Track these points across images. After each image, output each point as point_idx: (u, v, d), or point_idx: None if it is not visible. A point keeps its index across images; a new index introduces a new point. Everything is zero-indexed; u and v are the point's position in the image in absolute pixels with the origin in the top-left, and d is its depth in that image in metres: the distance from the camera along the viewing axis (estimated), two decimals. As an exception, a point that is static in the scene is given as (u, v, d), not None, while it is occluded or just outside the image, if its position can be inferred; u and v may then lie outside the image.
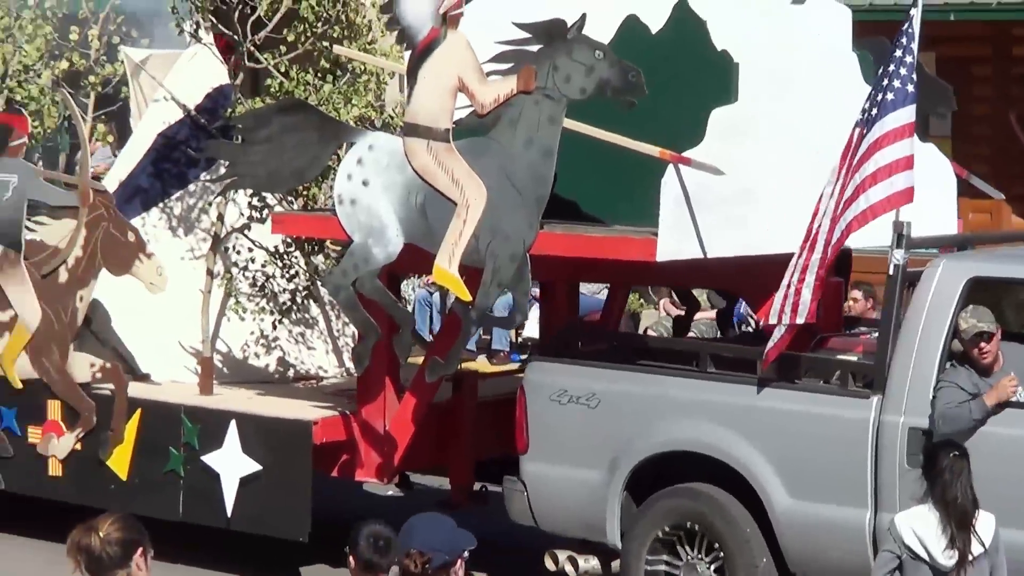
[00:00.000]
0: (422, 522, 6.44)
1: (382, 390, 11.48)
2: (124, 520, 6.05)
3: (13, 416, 12.36)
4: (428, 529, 6.32)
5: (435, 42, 10.25)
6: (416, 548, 6.20)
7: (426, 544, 6.20)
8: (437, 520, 6.49)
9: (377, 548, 6.76)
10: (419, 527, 6.34)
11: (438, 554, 6.18)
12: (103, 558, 5.93)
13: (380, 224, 10.46)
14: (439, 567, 6.19)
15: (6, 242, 12.19)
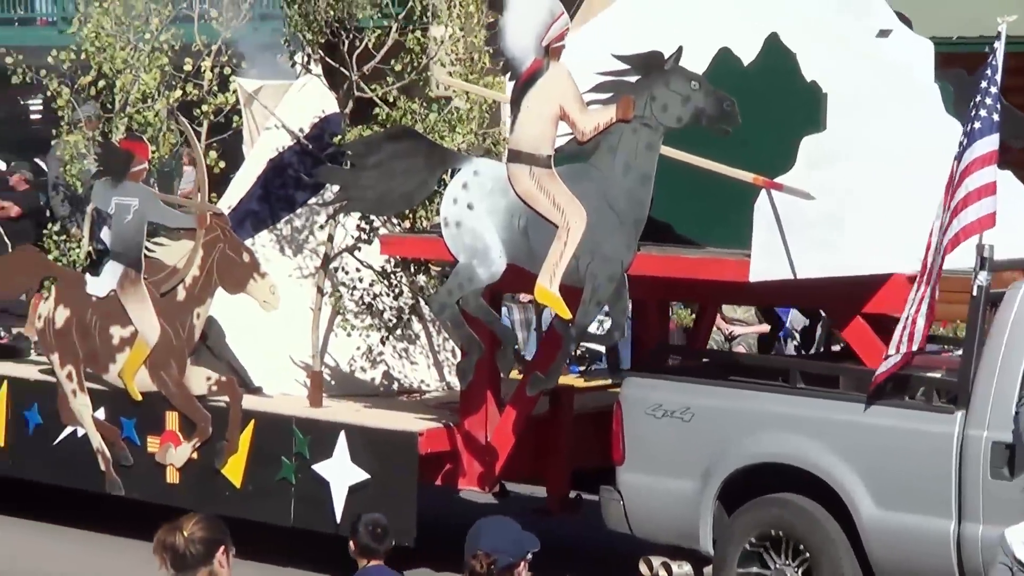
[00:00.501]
0: (488, 525, 6.60)
1: (484, 403, 11.67)
2: (207, 520, 6.14)
3: (133, 426, 12.61)
4: (494, 532, 6.46)
5: (538, 73, 10.44)
6: (483, 550, 6.33)
7: (492, 546, 6.33)
8: (503, 523, 6.64)
9: (374, 535, 7.96)
10: (486, 530, 6.49)
11: (503, 555, 6.31)
12: (187, 556, 6.01)
13: (484, 246, 10.65)
14: (504, 568, 6.32)
15: (127, 262, 12.46)
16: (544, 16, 10.47)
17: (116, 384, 12.62)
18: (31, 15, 24.19)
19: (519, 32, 10.47)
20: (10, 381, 13.31)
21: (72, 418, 12.86)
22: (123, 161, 12.49)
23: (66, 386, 12.82)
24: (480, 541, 6.36)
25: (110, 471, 12.70)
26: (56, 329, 12.82)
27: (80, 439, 12.82)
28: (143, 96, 12.82)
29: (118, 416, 12.66)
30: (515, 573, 6.37)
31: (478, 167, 10.82)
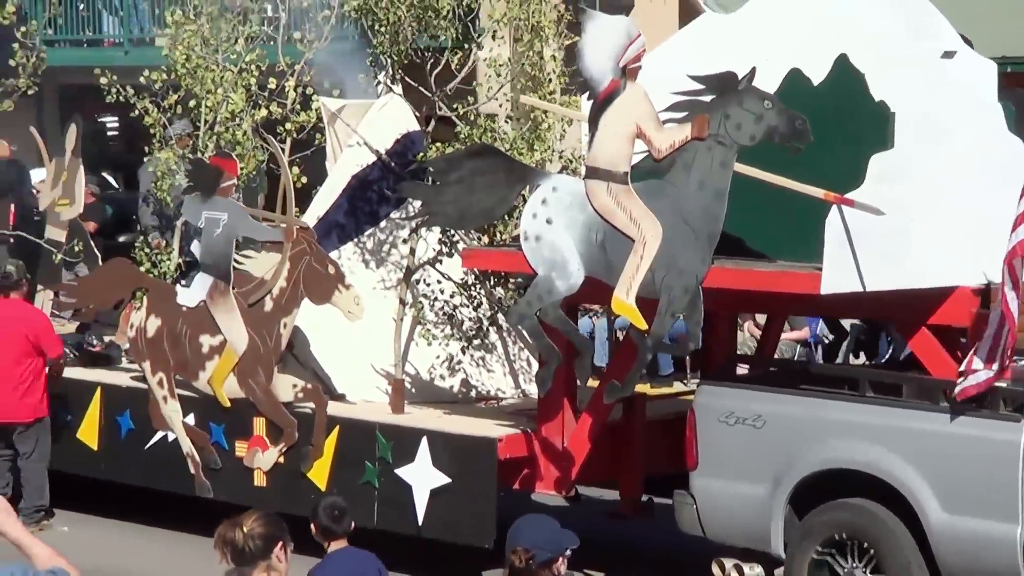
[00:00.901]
0: (528, 522, 6.78)
1: (560, 410, 11.81)
2: (266, 517, 6.36)
3: (222, 432, 12.78)
4: (533, 529, 6.61)
5: (615, 93, 10.58)
6: (522, 546, 6.45)
7: (531, 542, 6.46)
8: (542, 521, 6.81)
9: (333, 517, 8.36)
10: (525, 527, 6.65)
11: (541, 551, 6.43)
12: (246, 551, 6.22)
13: (563, 259, 10.80)
14: (542, 563, 6.44)
15: (217, 274, 12.65)
16: (621, 38, 10.62)
17: (205, 391, 12.80)
18: (99, 36, 24.48)
19: (597, 53, 10.62)
20: (104, 388, 13.52)
21: (163, 423, 13.05)
22: (213, 177, 12.68)
23: (157, 393, 13.02)
24: (520, 538, 6.48)
25: (199, 474, 12.88)
26: (148, 338, 13.02)
27: (171, 444, 13.00)
28: (232, 115, 12.98)
29: (207, 421, 12.84)
30: (553, 568, 6.47)
31: (557, 183, 10.97)
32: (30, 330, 13.47)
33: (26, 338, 13.42)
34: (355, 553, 8.58)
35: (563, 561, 6.51)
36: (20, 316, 13.58)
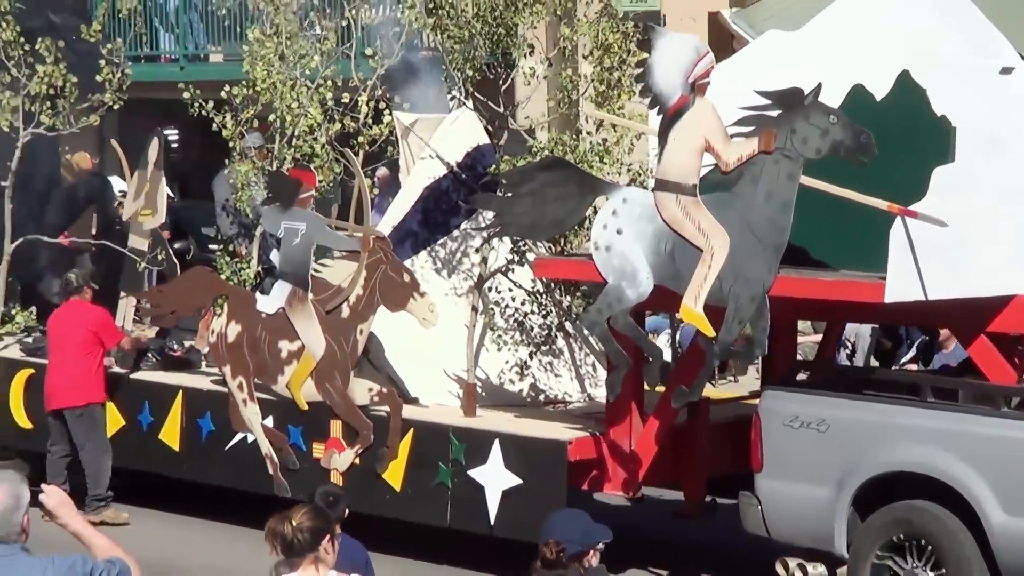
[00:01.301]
0: (561, 517, 6.94)
1: (628, 414, 11.89)
2: (315, 511, 6.52)
3: (299, 433, 12.91)
4: (566, 522, 6.71)
5: (684, 107, 10.70)
6: (554, 538, 6.51)
7: (562, 535, 6.53)
8: (574, 515, 6.91)
9: (328, 503, 8.47)
10: (558, 520, 6.77)
11: (572, 544, 6.48)
12: (295, 543, 6.35)
13: (632, 268, 10.91)
14: (572, 556, 6.49)
15: (295, 281, 12.79)
16: (690, 55, 10.73)
17: (284, 394, 12.94)
18: (155, 52, 24.76)
19: (666, 70, 10.74)
20: (185, 391, 13.68)
21: (243, 425, 13.19)
22: (292, 188, 12.83)
23: (237, 396, 13.16)
24: (552, 530, 6.54)
25: (277, 475, 13.02)
26: (228, 343, 13.16)
27: (250, 445, 13.14)
28: (310, 129, 13.12)
29: (286, 424, 12.98)
30: (584, 561, 6.52)
31: (627, 195, 11.08)
32: (89, 324, 13.81)
33: (85, 331, 13.78)
34: (347, 540, 8.50)
35: (594, 554, 6.58)
36: (79, 312, 13.91)
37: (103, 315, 14.09)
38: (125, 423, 13.99)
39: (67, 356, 13.85)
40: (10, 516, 5.95)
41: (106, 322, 14.02)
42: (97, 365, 13.86)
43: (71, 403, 13.81)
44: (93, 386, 13.84)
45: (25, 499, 6.04)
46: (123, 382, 14.11)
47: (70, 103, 14.26)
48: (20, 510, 5.99)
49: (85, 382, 13.82)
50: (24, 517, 6.01)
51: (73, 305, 14.06)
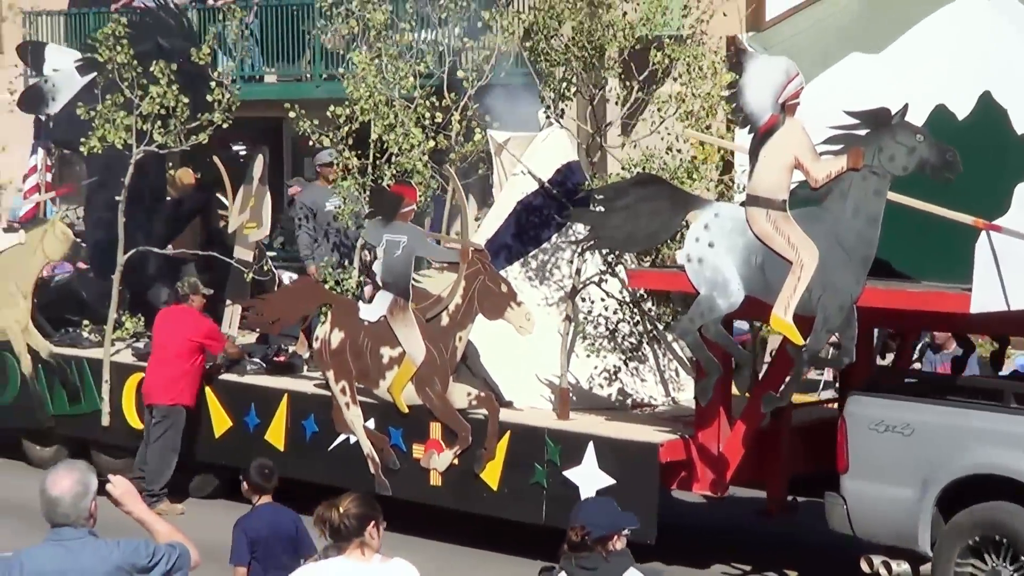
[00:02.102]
0: (589, 503, 7.09)
1: (716, 418, 11.85)
2: (362, 498, 6.60)
3: (400, 435, 12.93)
4: (592, 508, 6.71)
5: (775, 126, 10.69)
6: (579, 523, 6.50)
7: (588, 520, 6.50)
8: (602, 502, 7.01)
9: (262, 475, 9.20)
10: (585, 506, 6.83)
11: (597, 528, 6.45)
12: (341, 529, 6.49)
13: (724, 279, 10.90)
14: (597, 539, 6.45)
15: (396, 291, 12.80)
16: (781, 76, 10.72)
17: (385, 398, 12.95)
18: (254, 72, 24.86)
19: (758, 91, 10.74)
20: (290, 394, 13.71)
21: (345, 427, 13.21)
22: (394, 203, 12.84)
23: (340, 399, 13.18)
24: (579, 516, 6.55)
25: (379, 474, 13.04)
26: (331, 349, 13.18)
27: (352, 446, 13.16)
28: (411, 146, 13.13)
29: (387, 426, 12.99)
30: (608, 545, 6.50)
31: (719, 210, 11.07)
32: (190, 331, 13.93)
33: (184, 337, 13.90)
34: (278, 508, 9.32)
35: (619, 539, 6.57)
36: (183, 319, 14.07)
37: (206, 324, 14.18)
38: (232, 424, 14.04)
39: (164, 357, 14.01)
40: (79, 502, 6.13)
41: (209, 331, 14.09)
42: (191, 370, 13.96)
43: (158, 400, 14.00)
44: (182, 389, 13.95)
45: (93, 486, 6.22)
46: (231, 386, 14.15)
47: (180, 122, 14.30)
48: (88, 496, 6.17)
49: (175, 384, 13.94)
50: (92, 503, 6.19)
51: (178, 311, 14.21)
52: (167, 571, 6.22)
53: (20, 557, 6.19)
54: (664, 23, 12.03)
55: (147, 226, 15.65)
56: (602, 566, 6.42)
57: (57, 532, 6.16)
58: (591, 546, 6.44)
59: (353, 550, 6.49)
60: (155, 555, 6.20)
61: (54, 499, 6.12)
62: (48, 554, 6.16)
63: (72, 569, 6.10)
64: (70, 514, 6.12)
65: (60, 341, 15.48)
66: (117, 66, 14.43)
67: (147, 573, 6.19)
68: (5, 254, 15.46)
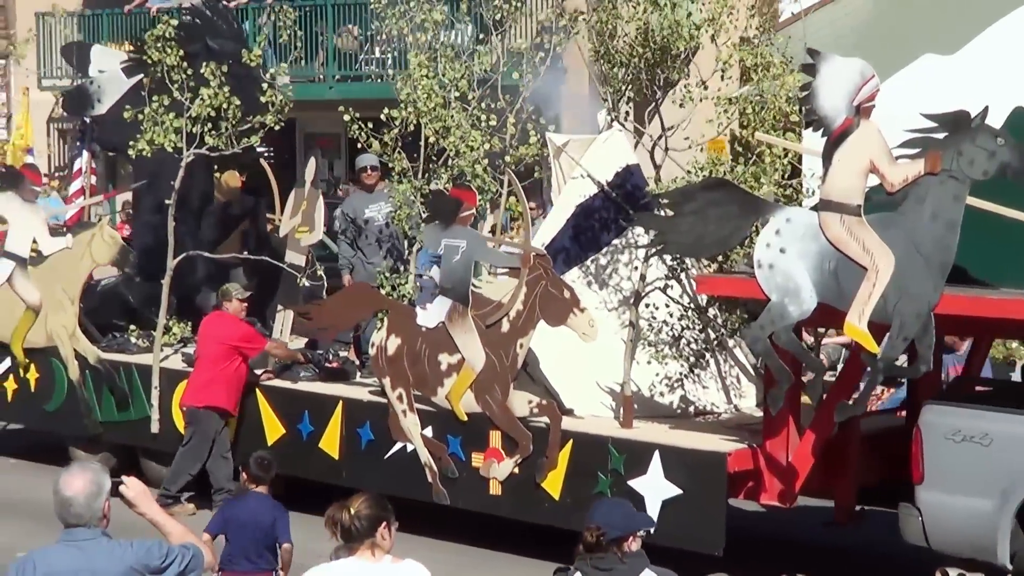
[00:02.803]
0: (605, 504, 7.08)
1: (785, 426, 11.70)
2: (373, 499, 6.64)
3: (458, 443, 12.79)
4: (607, 509, 6.75)
5: (849, 130, 10.54)
6: (595, 524, 6.55)
7: (604, 521, 6.56)
8: (618, 503, 7.03)
9: (260, 466, 9.86)
10: (601, 508, 6.83)
11: (612, 529, 6.49)
12: (352, 530, 6.53)
13: (795, 286, 10.76)
14: (612, 540, 6.50)
15: (455, 297, 12.66)
16: (855, 78, 10.56)
17: (443, 406, 12.82)
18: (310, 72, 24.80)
19: (831, 93, 10.59)
20: (345, 401, 13.59)
21: (402, 435, 13.09)
22: (453, 207, 12.71)
23: (397, 407, 13.06)
24: (594, 516, 6.61)
25: (436, 483, 12.91)
26: (388, 356, 13.06)
27: (409, 454, 13.03)
28: (471, 149, 13.00)
29: (445, 434, 12.86)
30: (624, 546, 6.52)
31: (790, 215, 10.93)
32: (224, 336, 13.89)
33: (218, 342, 13.86)
34: (264, 499, 9.91)
35: (634, 540, 6.59)
36: (218, 324, 14.04)
37: (241, 328, 14.07)
38: (285, 432, 13.92)
39: (202, 361, 14.00)
40: (92, 502, 6.19)
41: (244, 335, 13.99)
42: (226, 374, 13.85)
43: (187, 402, 14.01)
44: (215, 392, 13.86)
45: (106, 487, 6.28)
46: (283, 393, 14.04)
47: (232, 124, 14.19)
48: (101, 497, 6.23)
49: (207, 387, 13.87)
50: (105, 504, 6.25)
51: (214, 316, 14.19)
52: (180, 572, 6.28)
53: (33, 557, 6.24)
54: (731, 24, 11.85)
55: (195, 230, 15.56)
56: (617, 567, 6.45)
57: (70, 532, 6.22)
58: (606, 547, 6.48)
59: (364, 551, 6.53)
60: (168, 556, 6.26)
61: (68, 499, 6.18)
62: (61, 554, 6.20)
63: (85, 569, 6.15)
64: (83, 514, 6.19)
65: (108, 347, 15.38)
66: (166, 68, 14.32)
67: (160, 574, 6.26)
68: (51, 258, 15.37)
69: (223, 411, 13.90)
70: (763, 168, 11.74)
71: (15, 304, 15.46)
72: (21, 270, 15.40)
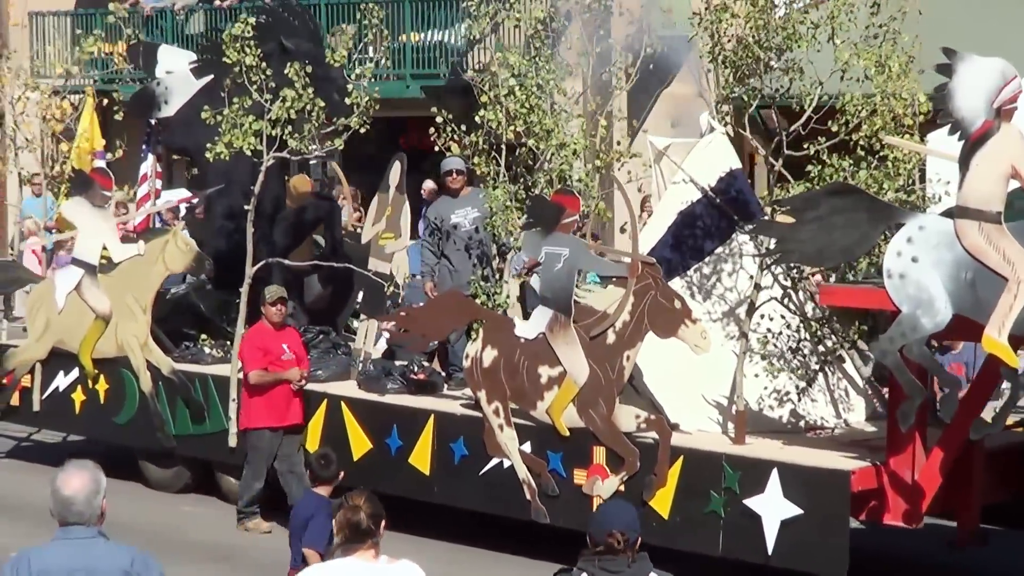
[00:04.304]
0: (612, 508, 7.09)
1: (911, 443, 11.30)
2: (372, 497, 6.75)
3: (559, 460, 12.43)
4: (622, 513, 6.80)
5: (988, 133, 10.18)
6: (618, 529, 6.58)
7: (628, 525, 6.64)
8: (625, 506, 7.19)
9: (319, 464, 10.02)
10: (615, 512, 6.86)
11: (633, 533, 6.65)
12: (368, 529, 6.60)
13: (929, 296, 10.39)
14: (633, 543, 6.63)
15: (557, 307, 12.29)
16: (996, 79, 10.21)
17: (543, 420, 12.45)
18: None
19: (969, 95, 10.23)
20: (437, 415, 13.22)
21: (498, 450, 12.72)
22: (555, 213, 12.35)
23: (493, 421, 12.69)
24: (614, 520, 6.66)
25: (535, 500, 12.54)
26: (483, 368, 12.70)
27: (506, 470, 12.67)
28: (574, 153, 12.64)
29: (545, 450, 12.50)
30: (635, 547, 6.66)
31: (923, 222, 10.56)
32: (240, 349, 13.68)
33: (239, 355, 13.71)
34: (316, 497, 10.01)
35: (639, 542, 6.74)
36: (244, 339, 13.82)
37: (245, 339, 13.73)
38: (372, 447, 13.54)
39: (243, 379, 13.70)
40: (92, 500, 6.22)
41: (241, 354, 13.63)
42: (259, 390, 13.44)
43: (240, 424, 13.85)
44: (255, 412, 13.53)
45: (103, 484, 6.30)
46: (370, 406, 13.66)
47: (315, 127, 13.82)
48: (100, 494, 6.27)
49: (245, 407, 13.65)
50: (103, 501, 6.28)
51: (252, 329, 13.90)
52: None
53: (28, 555, 6.27)
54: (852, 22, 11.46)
55: (269, 236, 15.19)
56: (625, 570, 6.55)
57: (66, 531, 6.24)
58: (627, 551, 6.56)
59: (365, 551, 6.59)
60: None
61: (67, 498, 6.20)
62: (57, 552, 6.24)
63: (80, 568, 6.18)
64: (84, 512, 6.21)
65: (181, 357, 15.01)
66: (245, 68, 13.96)
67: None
68: (122, 266, 15.03)
69: (268, 428, 13.49)
70: (886, 172, 11.32)
71: (84, 313, 15.12)
72: (90, 278, 15.07)
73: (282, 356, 13.58)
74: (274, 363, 13.53)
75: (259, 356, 13.52)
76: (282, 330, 13.67)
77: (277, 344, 13.62)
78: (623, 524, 6.61)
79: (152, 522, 13.64)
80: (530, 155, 13.11)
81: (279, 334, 13.64)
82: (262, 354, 13.52)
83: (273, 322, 13.60)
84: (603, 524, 6.64)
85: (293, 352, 13.64)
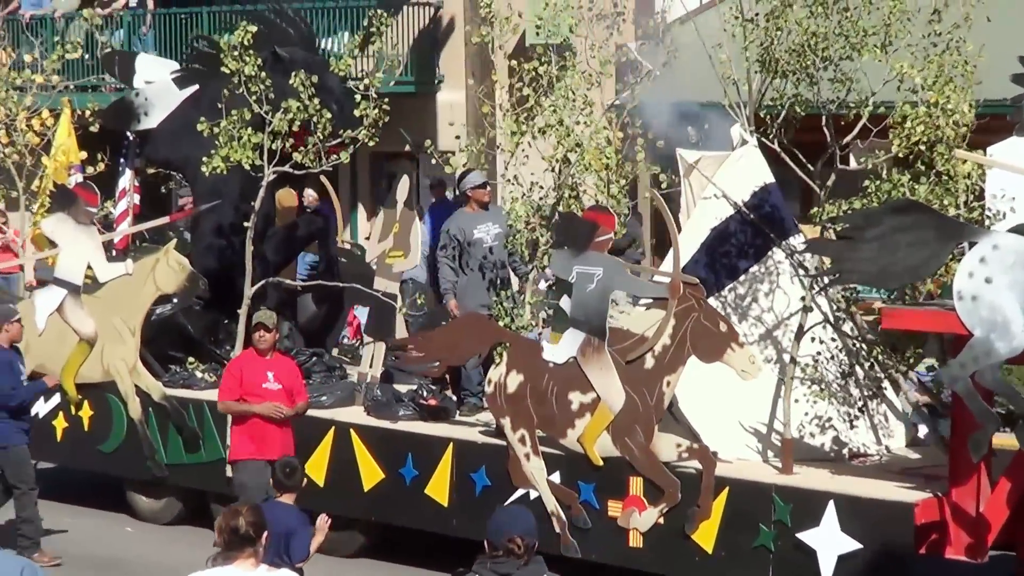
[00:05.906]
0: (514, 513, 7.09)
1: (975, 473, 10.67)
2: (256, 508, 6.81)
3: (592, 491, 11.73)
4: (522, 518, 6.80)
5: (1071, 147, 9.56)
6: (518, 534, 6.57)
7: (525, 530, 6.64)
8: (520, 511, 7.13)
9: (284, 473, 9.66)
10: (514, 516, 6.87)
11: (531, 538, 6.65)
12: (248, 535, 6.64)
13: (1004, 319, 9.79)
14: (532, 547, 6.63)
15: (589, 330, 11.59)
16: (1079, 90, 9.57)
17: (573, 449, 11.72)
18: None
19: (1050, 106, 9.60)
20: (455, 443, 12.44)
21: (524, 481, 11.98)
22: (587, 231, 11.62)
23: (519, 449, 11.94)
24: (514, 525, 6.64)
25: (565, 534, 11.82)
26: (508, 394, 11.96)
27: (533, 502, 11.90)
28: (606, 167, 11.91)
29: (575, 480, 11.78)
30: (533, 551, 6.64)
31: (997, 241, 9.94)
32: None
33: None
34: (283, 507, 9.53)
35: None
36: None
37: (227, 365, 12.78)
38: (385, 476, 12.73)
39: None
40: None
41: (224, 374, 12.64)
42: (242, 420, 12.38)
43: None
44: (240, 443, 12.41)
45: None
46: (382, 433, 12.85)
47: (321, 140, 13.00)
48: None
49: (230, 436, 12.69)
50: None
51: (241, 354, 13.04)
52: None
53: None
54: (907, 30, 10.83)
55: (262, 254, 14.33)
56: (515, 572, 6.48)
57: None
58: (526, 556, 6.52)
59: (245, 560, 6.58)
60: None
61: None
62: None
63: None
64: None
65: (172, 382, 14.11)
66: (244, 78, 13.12)
67: None
68: (108, 286, 14.13)
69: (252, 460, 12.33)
70: (946, 188, 10.69)
71: (67, 335, 14.19)
72: (74, 298, 14.17)
73: (263, 385, 12.34)
74: (250, 393, 12.32)
75: (233, 386, 12.35)
76: (270, 358, 12.42)
77: (260, 373, 12.34)
78: (522, 529, 6.59)
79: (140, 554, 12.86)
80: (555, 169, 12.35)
81: (266, 362, 12.35)
82: (237, 384, 12.37)
83: (258, 349, 12.45)
84: (502, 528, 6.58)
85: (280, 382, 12.34)
